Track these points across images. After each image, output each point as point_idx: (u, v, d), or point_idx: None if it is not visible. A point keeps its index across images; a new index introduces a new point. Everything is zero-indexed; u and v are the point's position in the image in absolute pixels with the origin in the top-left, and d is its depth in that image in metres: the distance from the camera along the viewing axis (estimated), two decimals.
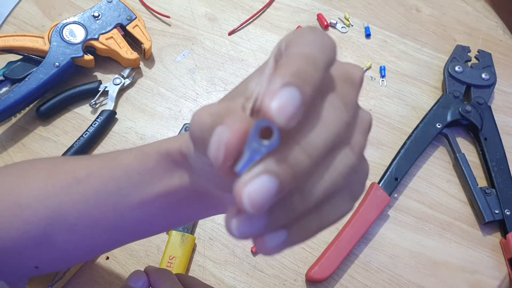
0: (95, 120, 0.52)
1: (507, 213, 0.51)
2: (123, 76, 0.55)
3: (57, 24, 0.53)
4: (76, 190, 0.30)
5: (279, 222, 0.19)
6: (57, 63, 0.52)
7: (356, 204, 0.51)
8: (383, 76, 0.59)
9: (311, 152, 0.19)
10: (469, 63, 0.59)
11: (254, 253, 0.49)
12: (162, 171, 0.28)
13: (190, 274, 0.47)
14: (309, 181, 0.19)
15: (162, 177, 0.28)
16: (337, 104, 0.20)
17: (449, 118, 0.55)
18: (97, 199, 0.30)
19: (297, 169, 0.18)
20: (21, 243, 0.32)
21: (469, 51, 0.59)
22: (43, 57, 0.52)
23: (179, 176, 0.27)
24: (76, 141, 0.51)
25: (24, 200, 0.32)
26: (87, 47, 0.54)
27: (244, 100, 0.21)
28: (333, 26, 0.61)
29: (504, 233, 0.52)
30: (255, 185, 0.17)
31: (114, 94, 0.54)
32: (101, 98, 0.54)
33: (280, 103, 0.17)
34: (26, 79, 0.51)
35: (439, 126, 0.55)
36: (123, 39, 0.54)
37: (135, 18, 0.55)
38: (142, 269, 0.38)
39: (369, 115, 0.23)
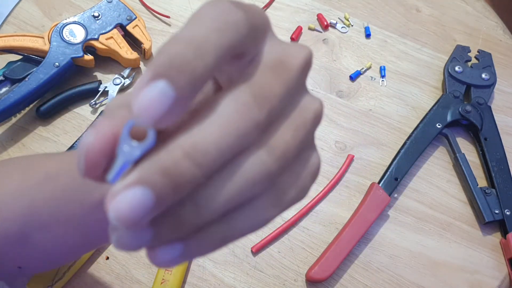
0: (95, 120, 0.52)
1: (507, 213, 0.51)
2: (123, 76, 0.55)
3: (57, 24, 0.53)
4: (47, 187, 0.30)
5: (169, 236, 0.16)
6: (57, 63, 0.52)
7: (356, 204, 0.51)
8: (383, 76, 0.59)
9: (198, 159, 0.15)
10: (469, 63, 0.59)
11: (254, 253, 0.49)
12: None
13: (190, 274, 0.47)
14: (205, 190, 0.16)
15: None
16: (245, 98, 0.16)
17: (449, 118, 0.55)
18: (65, 195, 0.29)
19: (179, 179, 0.15)
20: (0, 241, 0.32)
21: (469, 51, 0.59)
22: (43, 57, 0.52)
23: None
24: (76, 141, 0.51)
25: (1, 198, 0.31)
26: (87, 47, 0.54)
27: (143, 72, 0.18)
28: (333, 26, 0.61)
29: (504, 233, 0.52)
30: (123, 198, 0.15)
31: (114, 94, 0.54)
32: (101, 98, 0.54)
33: (144, 101, 0.14)
34: (26, 79, 0.51)
35: (439, 126, 0.55)
36: (123, 39, 0.54)
37: (135, 18, 0.55)
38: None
39: (316, 105, 0.19)
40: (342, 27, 0.61)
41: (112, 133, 0.16)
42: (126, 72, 0.55)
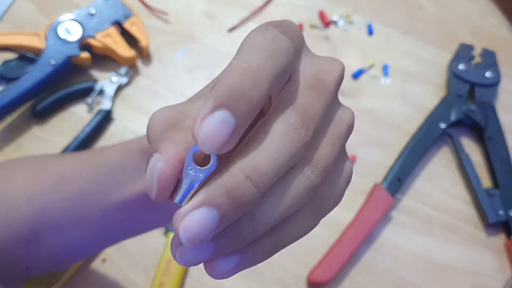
0: (91, 120, 0.51)
1: None
2: (120, 75, 0.54)
3: (53, 22, 0.52)
4: (62, 187, 0.30)
5: (227, 249, 0.18)
6: (53, 62, 0.51)
7: (358, 205, 0.50)
8: (386, 75, 0.58)
9: (257, 180, 0.17)
10: (473, 62, 0.58)
11: None
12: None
13: (188, 277, 0.47)
14: (260, 208, 0.18)
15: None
16: (294, 122, 0.18)
17: (453, 118, 0.54)
18: (81, 196, 0.29)
19: (241, 199, 0.16)
20: (9, 242, 0.31)
21: (473, 50, 0.58)
22: (39, 55, 0.51)
23: None
24: (72, 141, 0.50)
25: (11, 199, 0.31)
26: (84, 45, 0.53)
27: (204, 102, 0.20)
28: (335, 23, 0.60)
29: (508, 235, 0.51)
30: (191, 218, 0.16)
31: (111, 93, 0.53)
32: (98, 97, 0.53)
33: (207, 130, 0.16)
34: (22, 77, 0.50)
35: (442, 126, 0.54)
36: (120, 37, 0.53)
37: (132, 15, 0.54)
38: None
39: (349, 115, 0.21)
40: (344, 25, 0.60)
41: (179, 158, 0.17)
42: (123, 71, 0.54)
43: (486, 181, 0.54)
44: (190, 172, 0.17)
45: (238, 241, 0.18)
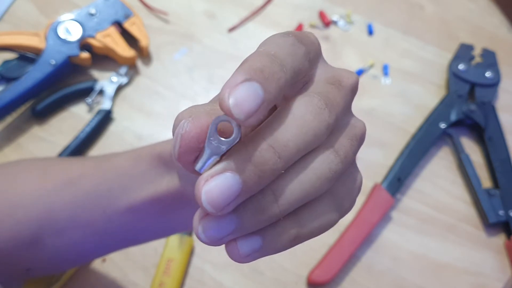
0: (91, 120, 0.51)
1: None
2: (120, 75, 0.54)
3: (53, 22, 0.52)
4: (68, 190, 0.30)
5: (251, 226, 0.18)
6: (53, 61, 0.51)
7: (358, 206, 0.50)
8: (386, 75, 0.58)
9: (280, 151, 0.17)
10: (473, 62, 0.58)
11: None
12: (153, 173, 0.28)
13: (188, 277, 0.47)
14: (283, 181, 0.18)
15: (152, 180, 0.28)
16: (317, 103, 0.18)
17: (453, 118, 0.54)
18: (87, 201, 0.29)
19: (264, 167, 0.17)
20: (12, 243, 0.31)
21: (473, 50, 0.58)
22: (39, 55, 0.51)
23: (168, 180, 0.27)
24: (72, 141, 0.50)
25: (16, 200, 0.31)
26: (84, 45, 0.53)
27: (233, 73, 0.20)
28: (335, 23, 0.60)
29: (509, 235, 0.51)
30: (214, 182, 0.16)
31: (111, 93, 0.53)
32: (98, 97, 0.53)
33: (238, 97, 0.16)
34: (22, 77, 0.50)
35: (443, 126, 0.54)
36: (120, 37, 0.53)
37: (132, 15, 0.54)
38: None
39: (362, 124, 0.21)
40: (344, 25, 0.60)
41: (207, 124, 0.17)
42: (123, 71, 0.54)
43: (486, 181, 0.54)
44: (213, 142, 0.17)
45: (262, 216, 0.17)
